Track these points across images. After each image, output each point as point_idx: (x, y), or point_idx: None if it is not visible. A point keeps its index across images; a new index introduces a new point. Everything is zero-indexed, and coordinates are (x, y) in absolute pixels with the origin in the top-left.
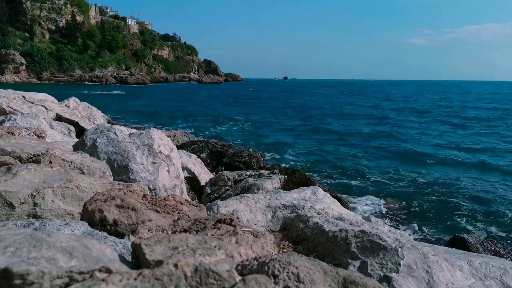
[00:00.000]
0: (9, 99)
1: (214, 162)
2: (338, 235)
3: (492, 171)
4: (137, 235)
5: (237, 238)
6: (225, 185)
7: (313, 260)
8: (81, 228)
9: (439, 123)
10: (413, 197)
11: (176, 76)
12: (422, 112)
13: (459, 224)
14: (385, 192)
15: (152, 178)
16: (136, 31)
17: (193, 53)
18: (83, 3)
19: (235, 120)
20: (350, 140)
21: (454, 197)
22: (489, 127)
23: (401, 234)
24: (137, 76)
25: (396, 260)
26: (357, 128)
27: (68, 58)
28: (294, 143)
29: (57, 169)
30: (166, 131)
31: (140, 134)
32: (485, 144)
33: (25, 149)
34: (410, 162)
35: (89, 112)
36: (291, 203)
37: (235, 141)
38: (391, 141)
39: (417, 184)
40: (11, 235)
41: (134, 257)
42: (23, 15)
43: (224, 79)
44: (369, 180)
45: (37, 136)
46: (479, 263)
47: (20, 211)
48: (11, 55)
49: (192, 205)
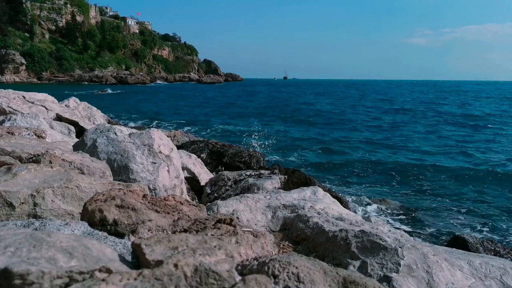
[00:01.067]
0: (9, 99)
1: (214, 162)
2: (338, 235)
3: (492, 170)
4: (137, 235)
5: (237, 238)
6: (225, 185)
7: (313, 260)
8: (81, 228)
9: (445, 124)
10: (413, 197)
11: (176, 76)
12: (425, 112)
13: (459, 224)
14: (385, 192)
15: (152, 178)
16: (136, 31)
17: (193, 53)
18: (83, 3)
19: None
20: (350, 140)
21: (454, 197)
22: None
23: (401, 234)
24: (137, 76)
25: (396, 260)
26: (358, 128)
27: (68, 58)
28: (294, 143)
29: (57, 169)
30: (166, 131)
31: (140, 134)
32: (486, 144)
33: (25, 149)
34: (410, 162)
35: (89, 112)
36: (291, 203)
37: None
38: (392, 141)
39: (417, 184)
40: (11, 235)
41: (134, 257)
42: (23, 15)
43: (224, 79)
44: (369, 180)
45: (37, 136)
46: (479, 263)
47: (20, 211)
48: (11, 55)
49: (192, 205)
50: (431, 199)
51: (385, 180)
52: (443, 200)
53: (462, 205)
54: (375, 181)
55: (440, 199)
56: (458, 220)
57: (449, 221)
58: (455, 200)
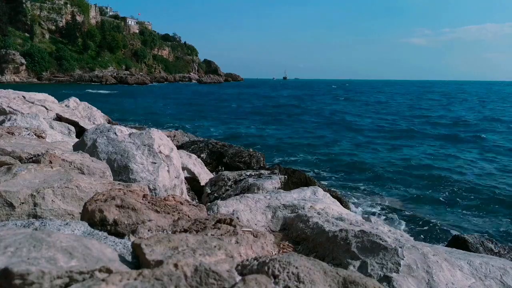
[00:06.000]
0: (9, 99)
1: (214, 162)
2: (338, 235)
3: (493, 171)
4: (137, 235)
5: (237, 238)
6: (225, 185)
7: (313, 260)
8: (81, 228)
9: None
10: (413, 197)
11: (176, 76)
12: (426, 111)
13: (459, 224)
14: (386, 192)
15: (152, 178)
16: (136, 31)
17: (193, 53)
18: (83, 3)
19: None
20: (351, 141)
21: (454, 197)
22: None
23: (401, 234)
24: (137, 76)
25: (396, 260)
26: (359, 128)
27: (68, 58)
28: (295, 144)
29: (57, 169)
30: (166, 131)
31: (140, 134)
32: (487, 143)
33: (25, 149)
34: (411, 162)
35: (89, 112)
36: (291, 203)
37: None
38: (392, 141)
39: (417, 184)
40: (11, 235)
41: (134, 257)
42: (23, 15)
43: (224, 79)
44: (369, 180)
45: (37, 136)
46: (479, 263)
47: (20, 211)
48: (11, 55)
49: (192, 205)
50: (431, 199)
51: (385, 180)
52: (443, 200)
53: (462, 205)
54: (375, 181)
55: (441, 199)
56: (458, 220)
57: (449, 221)
58: (455, 200)
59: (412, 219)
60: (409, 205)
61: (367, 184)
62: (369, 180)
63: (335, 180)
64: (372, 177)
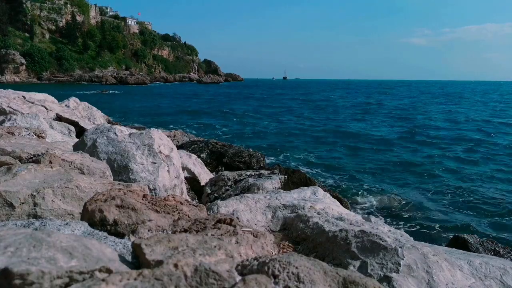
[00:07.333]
0: (9, 99)
1: (214, 162)
2: (338, 235)
3: (493, 170)
4: (137, 235)
5: (237, 238)
6: (225, 185)
7: (313, 260)
8: (81, 228)
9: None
10: (413, 197)
11: (176, 76)
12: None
13: (459, 224)
14: (386, 192)
15: (152, 178)
16: (136, 31)
17: (193, 53)
18: (83, 3)
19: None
20: (351, 140)
21: (455, 197)
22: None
23: (401, 234)
24: (137, 76)
25: (396, 260)
26: (358, 128)
27: (68, 58)
28: (296, 143)
29: (57, 169)
30: (166, 131)
31: (140, 134)
32: (487, 144)
33: (25, 149)
34: (411, 162)
35: (89, 112)
36: (291, 203)
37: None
38: (393, 141)
39: (417, 184)
40: (11, 235)
41: (134, 257)
42: (23, 15)
43: (224, 79)
44: (369, 180)
45: (37, 136)
46: (479, 263)
47: (20, 211)
48: (11, 55)
49: (192, 205)
50: (431, 199)
51: (385, 180)
52: (443, 201)
53: (462, 205)
54: (375, 181)
55: (440, 199)
56: (458, 220)
57: (449, 221)
58: (455, 200)
59: (412, 219)
60: (409, 205)
61: (367, 184)
62: (369, 180)
63: (335, 180)
64: (372, 177)
